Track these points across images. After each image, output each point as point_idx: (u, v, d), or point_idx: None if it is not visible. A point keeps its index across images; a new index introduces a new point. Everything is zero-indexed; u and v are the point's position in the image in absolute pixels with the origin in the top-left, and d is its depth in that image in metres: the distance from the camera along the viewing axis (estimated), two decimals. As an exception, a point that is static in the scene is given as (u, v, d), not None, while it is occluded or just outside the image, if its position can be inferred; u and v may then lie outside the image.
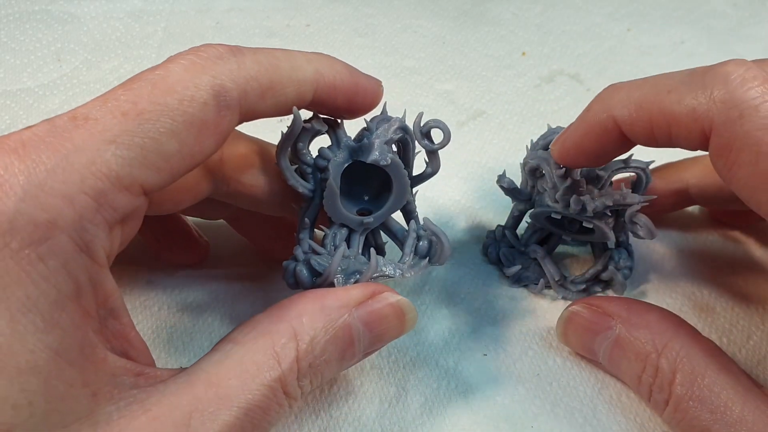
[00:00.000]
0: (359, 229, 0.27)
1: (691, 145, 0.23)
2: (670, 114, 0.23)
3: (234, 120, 0.22)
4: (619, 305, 0.27)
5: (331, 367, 0.23)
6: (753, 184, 0.22)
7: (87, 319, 0.19)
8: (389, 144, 0.26)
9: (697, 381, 0.24)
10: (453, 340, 0.30)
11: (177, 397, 0.20)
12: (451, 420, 0.27)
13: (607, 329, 0.26)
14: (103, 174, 0.19)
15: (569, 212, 0.29)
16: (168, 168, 0.21)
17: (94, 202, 0.19)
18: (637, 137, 0.25)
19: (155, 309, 0.31)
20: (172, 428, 0.19)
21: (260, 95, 0.23)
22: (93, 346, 0.19)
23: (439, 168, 0.28)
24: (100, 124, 0.19)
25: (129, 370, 0.20)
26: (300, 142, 0.26)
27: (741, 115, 0.21)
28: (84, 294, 0.19)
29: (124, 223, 0.21)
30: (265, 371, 0.21)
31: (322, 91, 0.25)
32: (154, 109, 0.20)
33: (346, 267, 0.25)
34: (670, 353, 0.24)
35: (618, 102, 0.25)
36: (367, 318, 0.23)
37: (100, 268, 0.20)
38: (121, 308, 0.21)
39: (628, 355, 0.26)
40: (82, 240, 0.19)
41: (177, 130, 0.20)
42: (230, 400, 0.20)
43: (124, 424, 0.19)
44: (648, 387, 0.25)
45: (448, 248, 0.27)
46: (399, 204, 0.27)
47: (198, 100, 0.21)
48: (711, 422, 0.23)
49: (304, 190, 0.26)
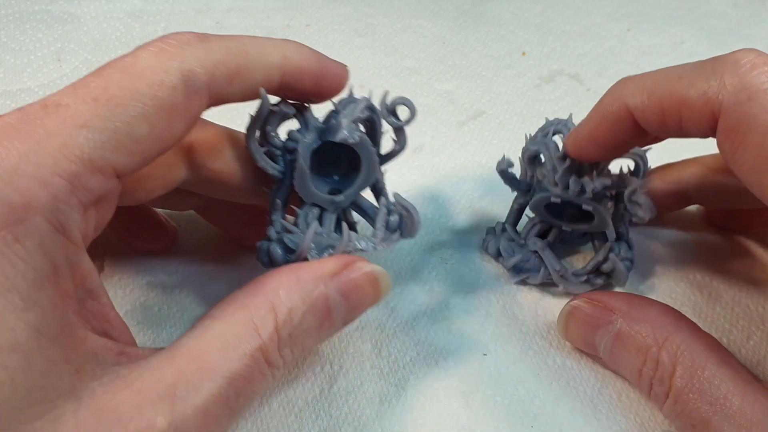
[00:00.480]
0: (331, 207, 0.28)
1: (701, 131, 0.24)
2: (681, 98, 0.23)
3: (203, 104, 0.23)
4: (620, 300, 0.27)
5: (310, 337, 0.23)
6: (758, 166, 0.22)
7: (66, 299, 0.20)
8: (356, 123, 0.27)
9: (697, 374, 0.24)
10: (453, 339, 0.30)
11: (160, 371, 0.20)
12: (451, 420, 0.27)
13: (608, 323, 0.27)
14: (75, 157, 0.19)
15: (568, 195, 0.29)
16: (140, 151, 0.21)
17: (68, 184, 0.19)
18: (649, 124, 0.25)
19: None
20: (157, 400, 0.19)
21: (228, 79, 0.23)
22: (73, 326, 0.20)
23: (406, 144, 0.29)
24: (71, 110, 0.20)
25: (111, 349, 0.21)
26: (269, 126, 0.27)
27: (749, 97, 0.22)
28: (61, 274, 0.19)
29: (99, 205, 0.21)
30: (245, 342, 0.21)
31: (290, 75, 0.25)
32: (124, 94, 0.21)
33: (319, 243, 0.26)
34: (670, 347, 0.25)
35: (630, 91, 0.25)
36: (342, 287, 0.24)
37: (76, 249, 0.20)
38: (99, 288, 0.21)
39: (629, 348, 0.26)
40: (58, 221, 0.19)
41: (147, 114, 0.21)
42: (213, 371, 0.20)
43: (108, 398, 0.19)
44: (648, 380, 0.25)
45: (418, 221, 0.28)
46: (368, 182, 0.28)
47: (167, 85, 0.21)
48: (710, 414, 0.23)
49: (273, 171, 0.27)
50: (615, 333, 0.26)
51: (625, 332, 0.26)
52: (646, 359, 0.25)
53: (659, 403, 0.25)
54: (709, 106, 0.23)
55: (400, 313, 0.31)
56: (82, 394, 0.19)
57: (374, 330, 0.31)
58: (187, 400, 0.20)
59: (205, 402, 0.20)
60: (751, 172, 0.22)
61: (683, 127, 0.24)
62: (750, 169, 0.22)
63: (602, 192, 0.29)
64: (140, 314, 0.31)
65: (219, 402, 0.20)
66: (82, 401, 0.19)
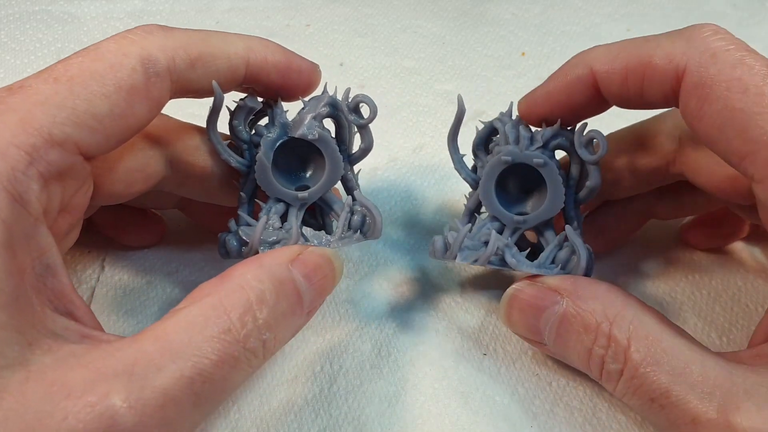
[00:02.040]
0: (296, 203, 0.28)
1: (662, 93, 0.24)
2: (647, 59, 0.24)
3: (165, 88, 0.24)
4: (565, 280, 0.26)
5: (286, 322, 0.23)
6: (722, 119, 0.22)
7: (21, 270, 0.20)
8: (318, 119, 0.27)
9: (653, 345, 0.23)
10: (452, 339, 0.30)
11: (120, 351, 0.20)
12: (450, 420, 0.27)
13: (553, 304, 0.25)
14: (34, 130, 0.20)
15: (519, 150, 0.27)
16: (101, 128, 0.22)
17: (26, 155, 0.20)
18: (610, 88, 0.26)
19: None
20: (112, 377, 0.19)
21: (190, 64, 0.24)
22: (29, 298, 0.20)
23: (372, 143, 0.29)
24: (33, 90, 0.21)
25: (74, 331, 0.21)
26: (235, 120, 0.27)
27: (714, 54, 0.23)
28: (18, 244, 0.20)
29: (63, 181, 0.22)
30: (212, 323, 0.21)
31: (255, 66, 0.26)
32: (83, 74, 0.22)
33: (273, 238, 0.26)
34: (622, 321, 0.24)
35: (596, 54, 0.26)
36: (304, 270, 0.24)
37: (34, 221, 0.20)
38: (59, 266, 0.21)
39: (576, 328, 0.25)
40: (16, 190, 0.20)
41: (107, 93, 0.22)
42: (177, 353, 0.20)
43: (60, 373, 0.19)
44: (600, 359, 0.24)
45: (380, 222, 0.28)
46: (333, 180, 0.28)
47: (126, 66, 0.22)
48: (671, 383, 0.22)
49: (237, 164, 0.28)
50: (561, 314, 0.25)
51: (572, 312, 0.25)
52: (597, 336, 0.24)
53: (612, 383, 0.24)
54: (673, 65, 0.24)
55: (400, 313, 0.32)
56: (32, 367, 0.18)
57: (374, 330, 0.31)
58: (145, 380, 0.19)
59: (167, 383, 0.19)
60: (715, 127, 0.23)
61: (645, 91, 0.25)
62: (714, 123, 0.23)
63: (552, 142, 0.28)
64: (140, 314, 0.31)
65: (181, 385, 0.19)
66: (31, 374, 0.18)
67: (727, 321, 0.31)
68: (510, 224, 0.28)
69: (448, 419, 0.28)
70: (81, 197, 0.24)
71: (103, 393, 0.18)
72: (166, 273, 0.33)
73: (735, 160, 0.23)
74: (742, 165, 0.23)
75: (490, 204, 0.28)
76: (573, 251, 0.27)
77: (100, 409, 0.18)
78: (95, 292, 0.31)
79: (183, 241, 0.34)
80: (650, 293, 0.33)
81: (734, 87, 0.22)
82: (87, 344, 0.20)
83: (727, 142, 0.23)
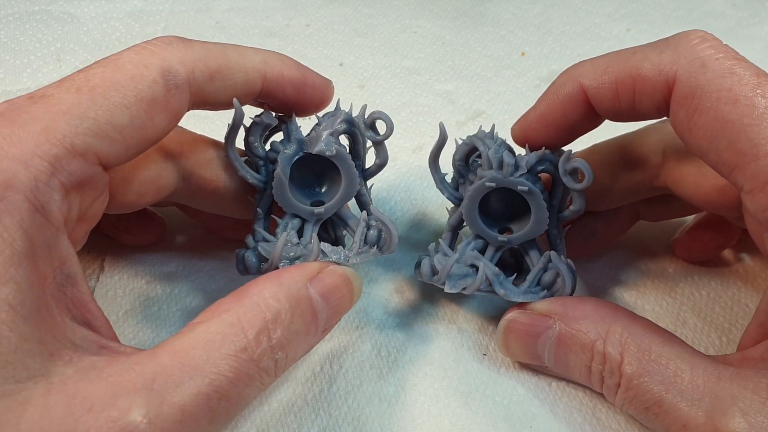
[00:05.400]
0: (312, 219, 0.28)
1: (654, 104, 0.24)
2: (637, 71, 0.24)
3: (184, 99, 0.24)
4: (554, 303, 0.27)
5: (299, 341, 0.23)
6: (712, 130, 0.23)
7: (43, 280, 0.20)
8: (335, 135, 0.27)
9: (644, 356, 0.24)
10: (452, 339, 0.30)
11: (140, 365, 0.20)
12: (450, 420, 0.27)
13: (547, 329, 0.26)
14: (57, 140, 0.20)
15: (503, 175, 0.27)
16: (121, 139, 0.22)
17: (49, 166, 0.20)
18: (602, 103, 0.26)
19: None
20: (133, 392, 0.19)
21: (209, 77, 0.24)
22: (49, 308, 0.20)
23: (387, 159, 0.29)
24: (55, 99, 0.21)
25: (92, 342, 0.21)
26: (251, 136, 0.27)
27: (703, 64, 0.23)
28: (39, 254, 0.20)
29: (82, 191, 0.22)
30: (229, 341, 0.21)
31: (271, 80, 0.26)
32: (105, 84, 0.22)
33: (293, 254, 0.26)
34: (613, 337, 0.25)
35: (585, 70, 0.26)
36: (322, 290, 0.24)
37: (56, 231, 0.20)
38: (79, 276, 0.21)
39: (573, 349, 0.26)
40: (38, 200, 0.20)
41: (127, 104, 0.22)
42: (195, 369, 0.20)
43: (81, 386, 0.19)
44: (599, 375, 0.25)
45: (396, 237, 0.28)
46: (349, 195, 0.28)
47: (147, 78, 0.23)
48: (663, 392, 0.23)
49: (254, 180, 0.28)
50: (556, 337, 0.26)
51: (566, 333, 0.26)
52: (593, 354, 0.25)
53: (612, 395, 0.25)
54: (663, 76, 0.24)
55: (400, 313, 0.32)
56: (54, 379, 0.19)
57: (374, 330, 0.31)
58: (165, 396, 0.19)
59: (185, 400, 0.19)
60: (705, 137, 0.23)
61: (636, 104, 0.25)
62: (705, 134, 0.23)
63: (537, 167, 0.28)
64: (140, 314, 0.31)
65: (199, 402, 0.20)
66: (53, 386, 0.18)
67: (727, 321, 0.31)
68: (494, 243, 0.29)
69: (448, 419, 0.28)
70: (98, 206, 0.24)
71: (125, 408, 0.19)
72: (166, 273, 0.33)
73: (725, 171, 0.23)
74: (732, 176, 0.23)
75: (475, 225, 0.29)
76: (558, 273, 0.28)
77: (121, 425, 0.18)
78: (95, 292, 0.31)
79: (183, 241, 0.34)
80: (650, 293, 0.33)
81: (724, 98, 0.22)
82: (106, 356, 0.20)
83: (717, 153, 0.23)
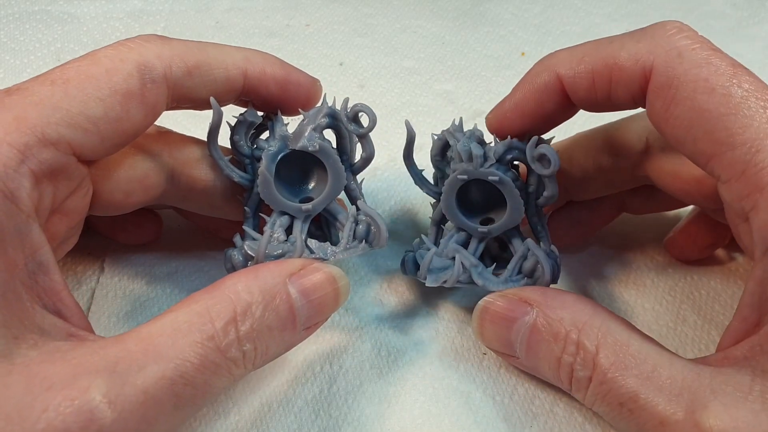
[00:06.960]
0: (300, 216, 0.28)
1: (630, 94, 0.24)
2: (613, 60, 0.24)
3: (161, 94, 0.24)
4: (534, 291, 0.26)
5: (274, 337, 0.23)
6: (689, 119, 0.23)
7: (12, 266, 0.20)
8: (318, 130, 0.27)
9: (622, 350, 0.23)
10: (452, 339, 0.30)
11: (103, 349, 0.20)
12: (450, 420, 0.28)
13: (523, 315, 0.25)
14: (27, 129, 0.21)
15: (473, 167, 0.27)
16: (96, 131, 0.22)
17: (18, 153, 0.20)
18: (578, 92, 0.26)
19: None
20: (94, 372, 0.19)
21: (186, 72, 0.25)
22: (18, 294, 0.20)
23: (374, 153, 0.29)
24: (29, 91, 0.22)
25: (61, 329, 0.21)
26: (236, 135, 0.27)
27: (680, 54, 0.23)
28: (9, 240, 0.20)
29: (56, 181, 0.22)
30: (196, 329, 0.21)
31: (252, 77, 0.26)
32: (79, 77, 0.22)
33: (279, 251, 0.26)
34: (590, 329, 0.24)
35: (561, 59, 0.26)
36: (302, 287, 0.24)
37: (26, 218, 0.21)
38: (51, 265, 0.22)
39: (546, 338, 0.25)
40: (7, 187, 0.20)
41: (102, 96, 0.22)
42: (159, 355, 0.20)
43: (43, 367, 0.19)
44: (569, 366, 0.24)
45: (385, 231, 0.27)
46: (336, 190, 0.28)
47: (122, 71, 0.23)
48: (639, 387, 0.22)
49: (240, 179, 0.28)
50: (531, 324, 0.25)
51: (542, 322, 0.25)
52: (566, 345, 0.24)
53: (582, 390, 0.24)
54: (640, 65, 0.23)
55: (399, 313, 0.32)
56: (17, 360, 0.19)
57: (374, 330, 0.31)
58: (127, 378, 0.19)
59: (147, 383, 0.19)
60: (682, 127, 0.23)
61: (612, 94, 0.25)
62: (681, 124, 0.23)
63: (506, 156, 0.27)
64: (140, 314, 0.31)
65: (163, 386, 0.20)
66: (15, 366, 0.19)
67: (727, 319, 0.31)
68: (476, 235, 0.29)
69: (448, 419, 0.28)
70: (79, 201, 0.24)
71: (84, 388, 0.19)
72: (166, 273, 0.33)
73: (702, 161, 0.23)
74: (709, 166, 0.23)
75: (454, 217, 0.29)
76: (538, 261, 0.28)
77: (79, 403, 0.18)
78: (95, 293, 0.31)
79: (183, 241, 0.34)
80: (650, 292, 0.33)
81: (701, 88, 0.22)
82: (72, 342, 0.20)
83: (693, 143, 0.23)
